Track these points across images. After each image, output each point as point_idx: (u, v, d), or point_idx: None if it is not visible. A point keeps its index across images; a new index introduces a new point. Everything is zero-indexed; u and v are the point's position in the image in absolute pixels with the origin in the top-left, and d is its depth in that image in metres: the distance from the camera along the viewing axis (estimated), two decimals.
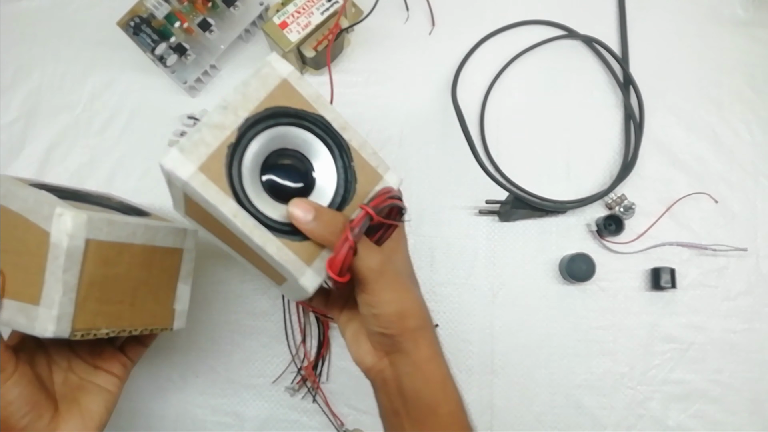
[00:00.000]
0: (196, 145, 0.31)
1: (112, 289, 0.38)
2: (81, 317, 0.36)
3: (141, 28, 0.55)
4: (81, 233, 0.35)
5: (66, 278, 0.35)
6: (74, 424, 0.39)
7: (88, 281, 0.36)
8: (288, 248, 0.33)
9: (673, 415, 0.54)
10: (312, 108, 0.34)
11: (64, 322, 0.35)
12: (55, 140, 0.58)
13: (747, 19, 0.60)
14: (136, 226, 0.39)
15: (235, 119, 0.32)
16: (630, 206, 0.55)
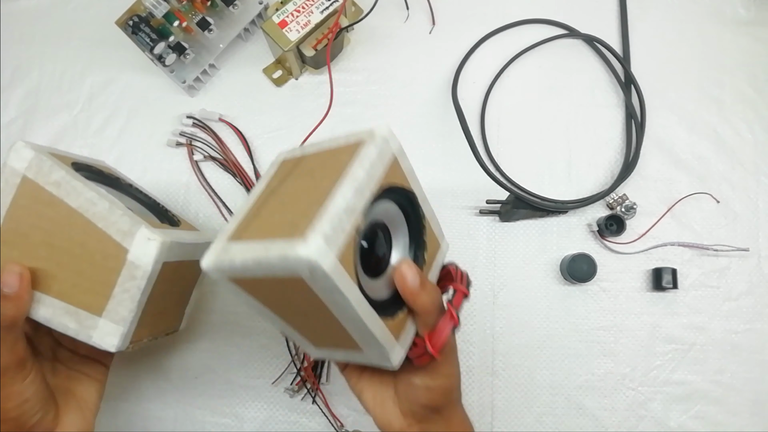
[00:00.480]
0: (336, 232, 0.28)
1: (159, 303, 0.39)
2: (137, 331, 0.36)
3: (140, 27, 0.55)
4: (162, 258, 0.35)
5: (141, 299, 0.35)
6: (74, 417, 0.39)
7: (151, 300, 0.36)
8: (387, 327, 0.32)
9: (675, 416, 0.53)
10: (407, 182, 0.34)
11: (128, 338, 0.35)
12: (54, 140, 0.58)
13: (749, 19, 0.60)
14: (194, 246, 0.39)
15: (362, 200, 0.29)
16: (631, 206, 0.55)
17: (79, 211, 0.34)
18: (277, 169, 0.36)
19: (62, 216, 0.35)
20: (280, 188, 0.33)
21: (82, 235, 0.35)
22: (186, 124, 0.57)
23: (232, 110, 0.58)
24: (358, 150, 0.31)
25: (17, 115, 0.59)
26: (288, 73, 0.59)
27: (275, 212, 0.31)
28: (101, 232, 0.34)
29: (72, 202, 0.34)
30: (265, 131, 0.58)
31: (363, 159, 0.30)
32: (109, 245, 0.34)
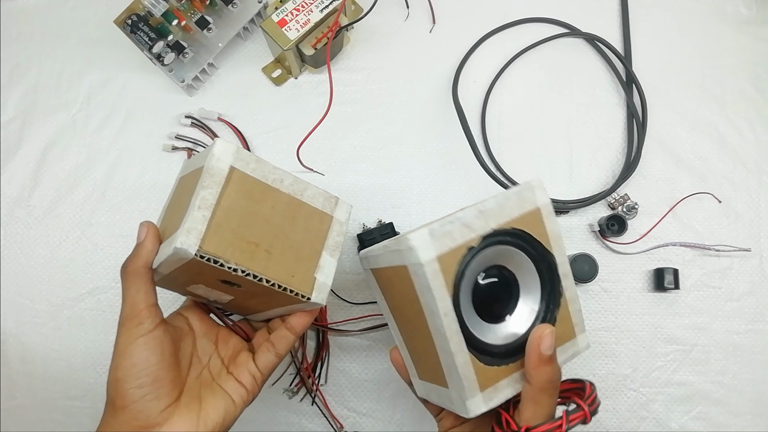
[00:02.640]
0: (444, 235, 0.32)
1: (250, 226, 0.36)
2: (211, 240, 0.34)
3: (138, 26, 0.54)
4: (227, 158, 0.36)
5: (204, 195, 0.34)
6: (186, 422, 0.36)
7: (226, 207, 0.35)
8: (472, 366, 0.32)
9: (676, 417, 0.53)
10: (549, 245, 0.35)
11: (193, 237, 0.33)
12: (52, 139, 0.58)
13: (750, 18, 0.60)
14: (284, 174, 0.39)
15: (485, 226, 0.33)
16: (633, 206, 0.54)
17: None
18: None
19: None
20: None
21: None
22: (184, 124, 0.57)
23: (231, 109, 0.58)
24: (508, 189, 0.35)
25: (15, 115, 0.58)
26: (287, 72, 0.59)
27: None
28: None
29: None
30: (265, 130, 0.58)
31: (501, 193, 0.34)
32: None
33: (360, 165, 0.57)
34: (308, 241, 0.39)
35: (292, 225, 0.38)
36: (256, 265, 0.36)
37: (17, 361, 0.55)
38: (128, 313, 0.36)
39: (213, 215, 0.34)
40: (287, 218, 0.38)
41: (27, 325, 0.55)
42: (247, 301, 0.41)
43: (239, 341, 0.43)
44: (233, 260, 0.35)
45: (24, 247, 0.56)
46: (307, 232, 0.39)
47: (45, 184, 0.57)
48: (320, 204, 0.40)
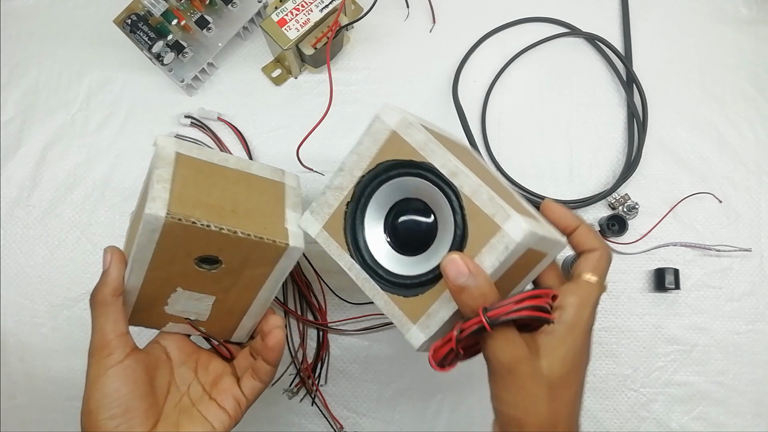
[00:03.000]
0: (321, 206, 0.36)
1: (210, 194, 0.37)
2: (176, 203, 0.35)
3: (138, 26, 0.54)
4: (170, 146, 0.38)
5: (158, 173, 0.35)
6: None
7: (182, 178, 0.36)
8: (395, 303, 0.33)
9: (677, 417, 0.53)
10: (420, 156, 0.33)
11: (159, 203, 0.34)
12: (52, 139, 0.58)
13: (751, 18, 0.60)
14: (227, 155, 0.41)
15: (351, 179, 0.35)
16: (633, 206, 0.54)
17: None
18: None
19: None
20: None
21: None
22: (184, 124, 0.57)
23: (231, 109, 0.58)
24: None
25: (15, 114, 0.58)
26: (287, 72, 0.58)
27: None
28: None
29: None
30: (264, 130, 0.58)
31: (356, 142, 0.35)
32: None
33: None
34: (268, 202, 0.40)
35: (248, 191, 0.39)
36: (227, 222, 0.36)
37: (17, 361, 0.54)
38: (98, 344, 0.36)
39: (172, 187, 0.35)
40: (242, 186, 0.39)
41: (27, 325, 0.55)
42: (228, 294, 0.40)
43: (220, 365, 0.43)
44: (203, 218, 0.35)
45: (23, 247, 0.56)
46: (264, 195, 0.40)
47: (44, 184, 0.57)
48: (269, 174, 0.42)
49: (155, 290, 0.38)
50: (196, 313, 0.41)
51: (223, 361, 0.43)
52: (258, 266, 0.38)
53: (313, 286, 0.54)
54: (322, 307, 0.54)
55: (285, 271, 0.39)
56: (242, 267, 0.38)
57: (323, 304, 0.54)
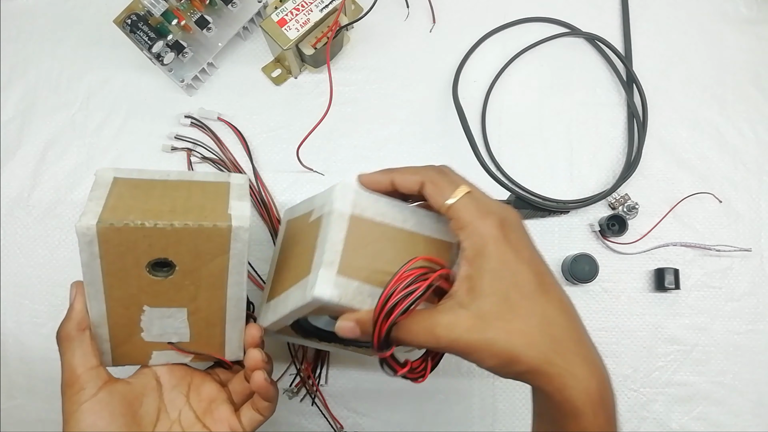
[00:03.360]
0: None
1: (147, 201, 0.36)
2: (108, 213, 0.34)
3: (138, 26, 0.54)
4: (108, 174, 0.38)
5: (94, 194, 0.36)
6: None
7: (117, 194, 0.36)
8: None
9: (677, 417, 0.53)
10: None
11: (91, 216, 0.34)
12: (51, 139, 0.58)
13: (751, 17, 0.60)
14: (168, 171, 0.40)
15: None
16: (633, 206, 0.54)
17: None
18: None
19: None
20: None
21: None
22: (184, 124, 0.57)
23: (231, 109, 0.58)
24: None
25: (15, 115, 0.58)
26: (287, 72, 0.58)
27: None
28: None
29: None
30: (264, 130, 0.58)
31: None
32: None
33: (360, 165, 0.57)
34: (210, 199, 0.38)
35: (188, 193, 0.38)
36: (162, 216, 0.35)
37: (17, 361, 0.54)
38: (67, 380, 0.35)
39: (106, 202, 0.35)
40: (182, 191, 0.38)
41: (27, 325, 0.55)
42: (197, 302, 0.38)
43: (214, 389, 0.41)
44: (138, 219, 0.34)
45: (23, 248, 0.56)
46: (204, 192, 0.39)
47: (44, 184, 0.57)
48: (213, 178, 0.41)
49: (123, 315, 0.37)
50: (176, 333, 0.39)
51: (217, 384, 0.41)
52: (211, 259, 0.37)
53: None
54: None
55: (242, 257, 0.37)
56: (197, 265, 0.36)
57: None
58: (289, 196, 0.56)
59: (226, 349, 0.41)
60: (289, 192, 0.56)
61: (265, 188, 0.56)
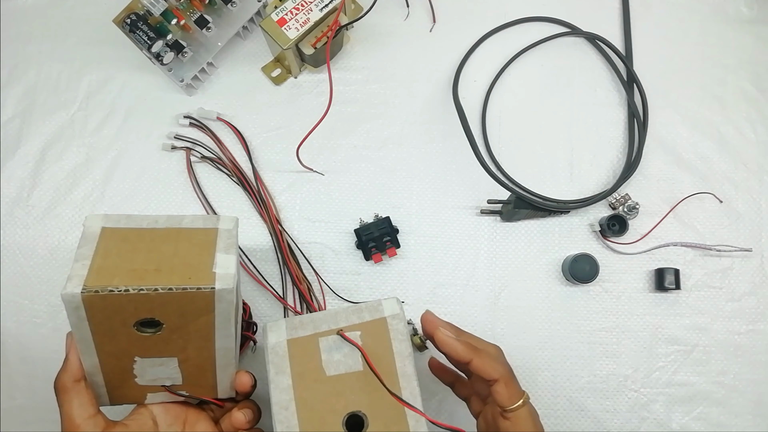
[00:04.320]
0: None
1: (132, 259, 0.37)
2: (93, 277, 0.35)
3: (137, 26, 0.54)
4: (97, 223, 0.38)
5: (80, 251, 0.36)
6: None
7: (104, 251, 0.36)
8: None
9: (677, 417, 0.53)
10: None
11: (75, 281, 0.34)
12: (51, 139, 0.58)
13: (752, 17, 0.59)
14: (157, 216, 0.40)
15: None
16: (634, 206, 0.54)
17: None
18: None
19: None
20: None
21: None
22: (183, 124, 0.57)
23: (231, 109, 0.58)
24: None
25: (14, 114, 0.58)
26: (287, 72, 0.58)
27: None
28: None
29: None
30: (264, 130, 0.58)
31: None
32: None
33: (360, 165, 0.57)
34: (196, 252, 0.38)
35: (175, 246, 0.38)
36: (147, 282, 0.35)
37: (17, 361, 0.54)
38: (67, 430, 0.36)
39: (92, 262, 0.36)
40: (169, 243, 0.38)
41: (27, 326, 0.55)
42: (187, 352, 0.39)
43: (209, 426, 0.42)
44: (122, 284, 0.35)
45: (23, 247, 0.56)
46: (192, 246, 0.39)
47: (44, 184, 0.57)
48: (201, 224, 0.41)
49: (116, 365, 0.38)
50: (169, 378, 0.40)
51: (210, 421, 0.43)
52: (198, 317, 0.37)
53: (314, 287, 0.54)
54: (322, 307, 0.54)
55: (228, 314, 0.38)
56: (184, 322, 0.37)
57: (323, 305, 0.54)
58: (289, 196, 0.56)
59: (218, 389, 0.42)
60: (289, 192, 0.56)
61: (264, 188, 0.56)
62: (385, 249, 0.53)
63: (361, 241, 0.54)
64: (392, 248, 0.54)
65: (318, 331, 0.40)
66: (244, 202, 0.56)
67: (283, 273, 0.54)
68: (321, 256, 0.55)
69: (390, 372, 0.39)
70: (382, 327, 0.41)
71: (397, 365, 0.40)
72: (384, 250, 0.53)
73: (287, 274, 0.54)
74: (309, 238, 0.56)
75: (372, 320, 0.41)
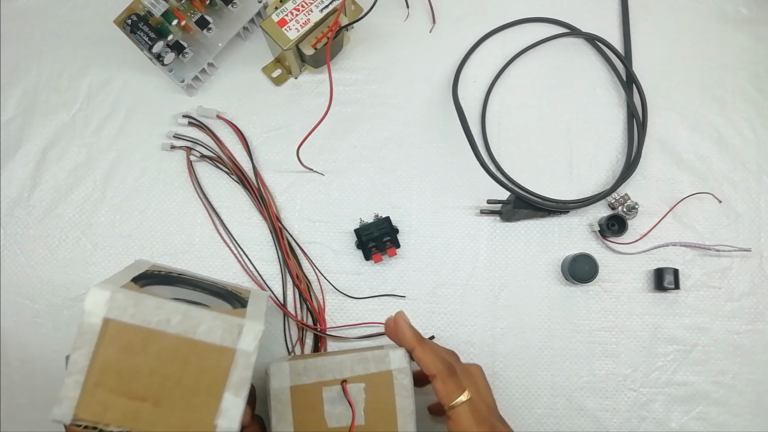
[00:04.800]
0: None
1: (132, 382, 0.33)
2: (86, 405, 0.32)
3: (138, 26, 0.54)
4: (99, 311, 0.33)
5: (75, 357, 0.32)
6: None
7: (102, 367, 0.33)
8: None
9: (676, 417, 0.53)
10: None
11: (66, 406, 0.32)
12: (52, 139, 0.58)
13: (751, 17, 0.60)
14: (171, 311, 0.34)
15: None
16: (633, 206, 0.54)
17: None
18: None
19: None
20: None
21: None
22: (182, 124, 0.57)
23: (231, 109, 0.58)
24: None
25: (15, 114, 0.58)
26: (287, 72, 0.58)
27: None
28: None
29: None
30: (264, 130, 0.58)
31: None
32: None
33: (360, 165, 0.57)
34: (204, 384, 0.34)
35: (183, 370, 0.34)
36: (142, 424, 0.33)
37: (17, 361, 0.54)
38: None
39: (87, 378, 0.32)
40: (177, 363, 0.34)
41: (27, 325, 0.55)
42: None
43: None
44: (114, 423, 0.32)
45: (24, 247, 0.56)
46: (202, 373, 0.34)
47: (45, 184, 0.57)
48: (219, 338, 0.35)
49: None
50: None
51: None
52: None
53: (313, 286, 0.55)
54: (321, 306, 0.54)
55: None
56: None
57: (322, 302, 0.54)
58: (289, 196, 0.56)
59: None
60: (289, 192, 0.57)
61: (265, 188, 0.56)
62: (385, 249, 0.54)
63: (361, 241, 0.54)
64: (392, 248, 0.54)
65: (322, 380, 0.40)
66: (245, 201, 0.56)
67: (283, 272, 0.54)
68: (321, 256, 0.55)
69: (390, 429, 0.40)
70: (387, 380, 0.40)
71: (398, 422, 0.40)
72: (384, 250, 0.54)
73: (287, 274, 0.54)
74: (309, 238, 0.56)
75: (377, 372, 0.40)
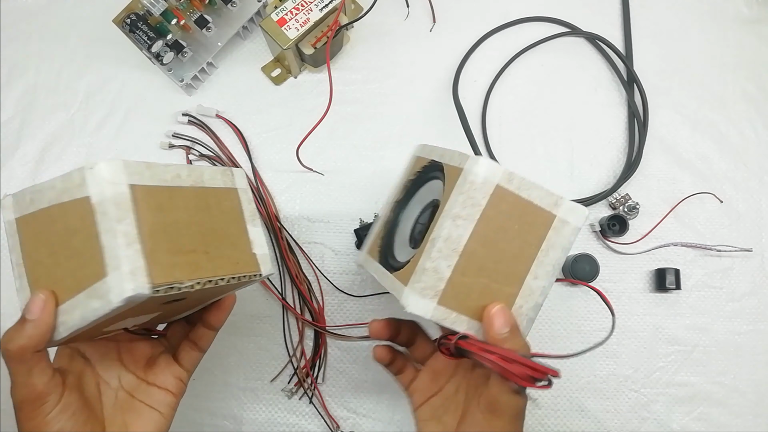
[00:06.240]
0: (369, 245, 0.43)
1: (179, 237, 0.34)
2: (156, 270, 0.31)
3: (137, 26, 0.54)
4: (122, 179, 0.32)
5: (124, 228, 0.31)
6: None
7: (149, 230, 0.32)
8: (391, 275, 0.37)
9: (677, 417, 0.53)
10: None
11: (140, 276, 0.30)
12: (51, 139, 0.58)
13: (751, 17, 0.59)
14: (178, 167, 0.36)
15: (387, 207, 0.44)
16: (634, 206, 0.54)
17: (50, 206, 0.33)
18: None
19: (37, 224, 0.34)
20: None
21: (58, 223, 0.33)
22: (181, 122, 0.57)
23: (231, 109, 0.58)
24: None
25: (14, 114, 0.58)
26: (287, 72, 0.58)
27: None
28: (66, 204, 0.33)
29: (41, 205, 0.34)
30: (264, 130, 0.58)
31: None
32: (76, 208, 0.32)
33: (360, 165, 0.57)
34: (231, 222, 0.38)
35: (209, 215, 0.37)
36: (204, 271, 0.34)
37: None
38: (27, 397, 0.32)
39: (143, 246, 0.31)
40: (202, 211, 0.36)
41: None
42: (177, 308, 0.38)
43: (146, 346, 0.40)
44: (185, 278, 0.32)
45: None
46: (224, 214, 0.38)
47: None
48: (221, 182, 0.39)
49: (99, 327, 0.34)
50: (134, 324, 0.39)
51: (149, 340, 0.40)
52: (219, 291, 0.38)
53: (313, 286, 0.54)
54: (320, 305, 0.54)
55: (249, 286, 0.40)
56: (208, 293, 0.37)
57: (321, 300, 0.54)
58: (289, 196, 0.56)
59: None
60: (289, 191, 0.56)
61: (264, 187, 0.56)
62: None
63: (361, 241, 0.53)
64: None
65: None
66: None
67: (282, 273, 0.54)
68: (321, 256, 0.55)
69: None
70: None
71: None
72: None
73: (286, 274, 0.54)
74: (309, 238, 0.55)
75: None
